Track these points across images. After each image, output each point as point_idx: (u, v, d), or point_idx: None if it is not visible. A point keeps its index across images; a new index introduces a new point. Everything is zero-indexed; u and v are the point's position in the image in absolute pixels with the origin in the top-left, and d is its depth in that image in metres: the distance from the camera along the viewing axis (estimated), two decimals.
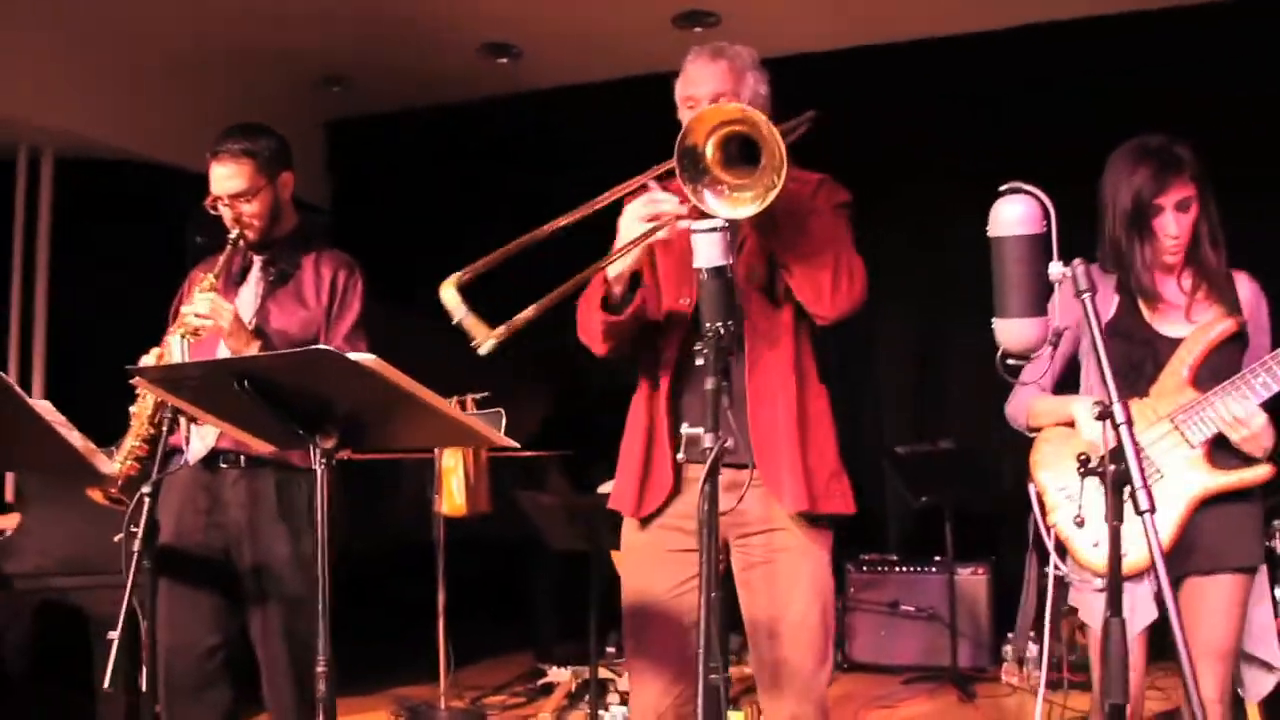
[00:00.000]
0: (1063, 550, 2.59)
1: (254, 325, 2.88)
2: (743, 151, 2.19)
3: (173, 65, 5.46)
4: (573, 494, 4.92)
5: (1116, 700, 1.79)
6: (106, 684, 2.35)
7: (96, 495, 2.64)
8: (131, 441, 2.62)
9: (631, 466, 2.54)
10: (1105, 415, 1.75)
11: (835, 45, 5.56)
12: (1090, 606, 2.56)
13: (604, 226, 2.39)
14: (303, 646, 2.87)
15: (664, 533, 2.51)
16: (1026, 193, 1.73)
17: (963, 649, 5.03)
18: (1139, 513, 1.70)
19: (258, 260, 3.02)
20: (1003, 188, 1.75)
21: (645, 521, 2.54)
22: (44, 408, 2.23)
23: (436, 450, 4.46)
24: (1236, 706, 2.74)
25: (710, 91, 2.45)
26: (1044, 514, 2.62)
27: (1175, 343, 2.58)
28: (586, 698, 4.82)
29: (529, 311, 2.04)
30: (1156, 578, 2.47)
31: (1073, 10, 5.11)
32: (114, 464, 2.44)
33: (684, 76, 2.52)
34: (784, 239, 2.36)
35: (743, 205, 2.18)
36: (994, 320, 1.84)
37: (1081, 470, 2.46)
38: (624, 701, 4.43)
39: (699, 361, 1.89)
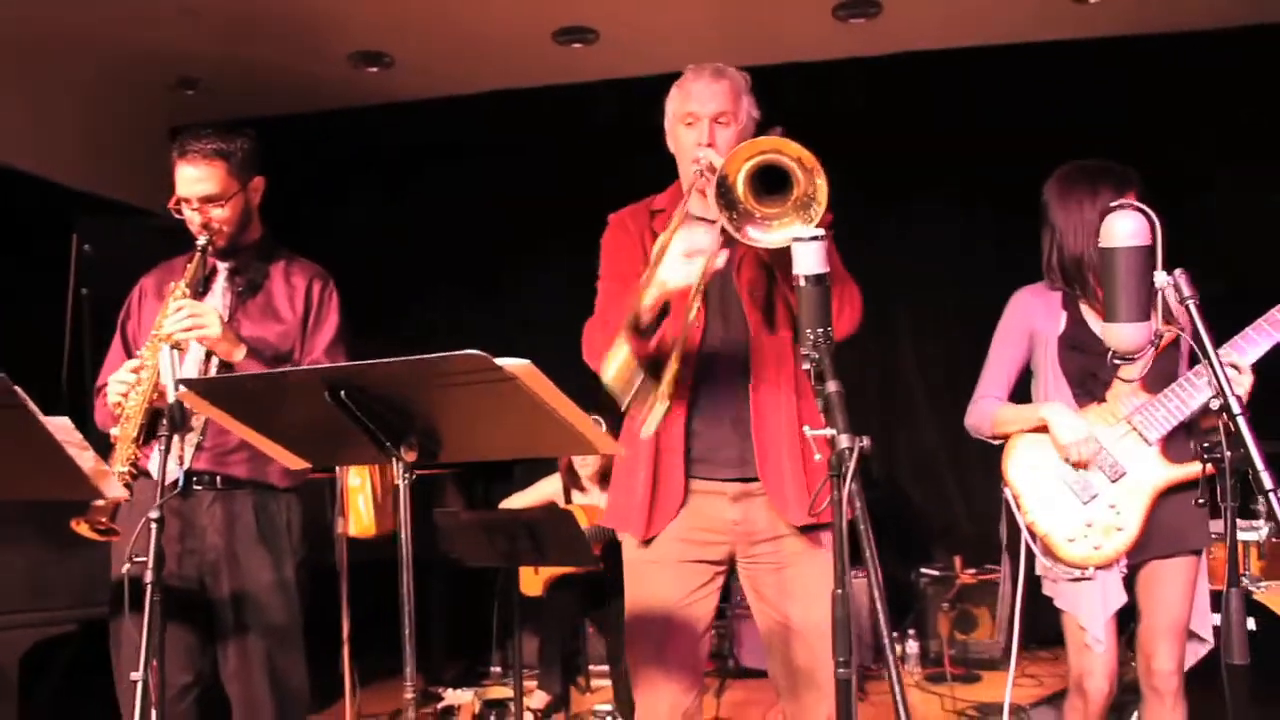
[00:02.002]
0: (1022, 556, 2.79)
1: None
2: (768, 181, 2.24)
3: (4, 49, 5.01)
4: (470, 510, 4.84)
5: (1234, 661, 1.95)
6: None
7: (82, 528, 2.41)
8: (118, 467, 2.41)
9: (638, 487, 2.53)
10: (1224, 409, 1.91)
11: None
12: (1071, 595, 2.76)
13: None
14: (285, 681, 2.74)
15: (676, 544, 2.54)
16: (1137, 209, 1.89)
17: None
18: (1261, 492, 1.84)
19: (222, 268, 2.85)
20: (1114, 204, 1.90)
21: (649, 540, 2.56)
22: (59, 426, 2.04)
23: (339, 469, 4.30)
24: None
25: (714, 110, 2.51)
26: (1022, 514, 2.81)
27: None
28: (492, 717, 4.76)
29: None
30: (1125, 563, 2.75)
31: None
32: (118, 488, 2.23)
33: (683, 93, 2.56)
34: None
35: (782, 230, 2.23)
36: (1103, 324, 1.99)
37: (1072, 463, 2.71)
38: (539, 719, 4.39)
39: (806, 366, 1.94)
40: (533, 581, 4.87)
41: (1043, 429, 2.81)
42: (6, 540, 3.23)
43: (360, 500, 4.27)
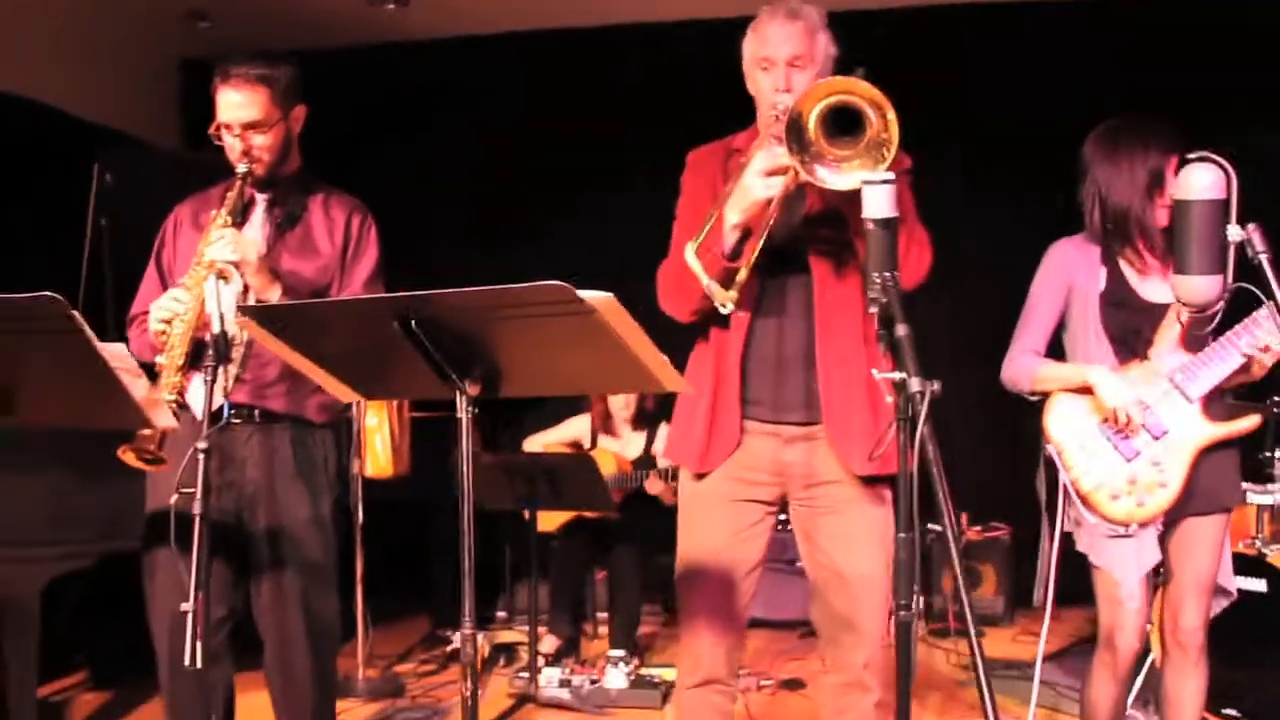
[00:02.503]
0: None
1: None
2: (841, 122, 2.22)
3: None
4: (488, 451, 4.84)
5: None
6: (195, 662, 2.13)
7: (128, 456, 2.37)
8: (164, 395, 2.37)
9: (697, 422, 2.55)
10: None
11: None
12: (1107, 551, 2.77)
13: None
14: (319, 618, 2.73)
15: (727, 483, 2.55)
16: (1214, 162, 1.86)
17: None
18: None
19: (260, 199, 2.80)
20: (1192, 155, 1.87)
21: (703, 474, 2.56)
22: (114, 353, 2.01)
23: (355, 409, 4.27)
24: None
25: (789, 53, 2.46)
26: (1066, 471, 2.81)
27: (1163, 308, 2.81)
28: (501, 661, 4.78)
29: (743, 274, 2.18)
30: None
31: None
32: (169, 417, 2.19)
33: (758, 36, 2.52)
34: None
35: (852, 173, 2.21)
36: (1173, 276, 1.96)
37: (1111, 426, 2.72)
38: (550, 663, 4.40)
39: (873, 310, 1.92)
40: (548, 520, 4.87)
41: (1086, 389, 2.81)
42: (28, 468, 3.17)
43: (378, 440, 4.26)
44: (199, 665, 2.13)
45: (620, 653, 4.22)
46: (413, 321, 1.78)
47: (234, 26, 5.63)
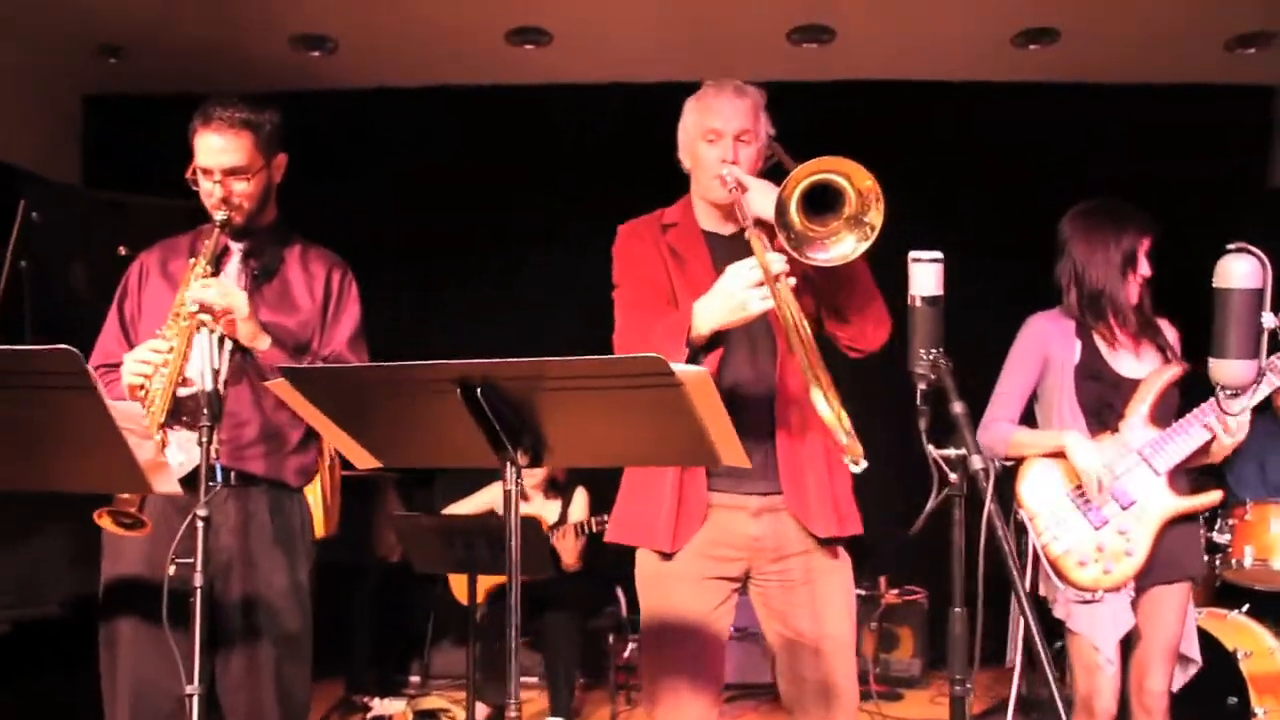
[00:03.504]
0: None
1: None
2: (816, 201, 2.23)
3: None
4: (409, 515, 4.68)
5: None
6: None
7: (104, 521, 2.20)
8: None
9: (663, 499, 2.48)
10: None
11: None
12: (1085, 618, 2.84)
13: None
14: (292, 693, 2.58)
15: (697, 560, 2.50)
16: (1252, 253, 1.96)
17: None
18: None
19: (235, 249, 2.66)
20: (1231, 246, 1.97)
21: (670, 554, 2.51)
22: (126, 413, 1.86)
23: None
24: None
25: (737, 127, 2.49)
26: (1036, 535, 2.88)
27: (1134, 383, 2.94)
28: None
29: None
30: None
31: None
32: (172, 483, 2.03)
33: (705, 109, 2.53)
34: (844, 285, 2.44)
35: (843, 247, 2.23)
36: (1212, 360, 2.05)
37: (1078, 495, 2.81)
38: None
39: (922, 386, 1.93)
40: (465, 589, 4.72)
41: (1057, 454, 2.89)
42: None
43: (310, 500, 4.05)
44: None
45: None
46: (478, 390, 1.70)
47: (148, 64, 5.42)
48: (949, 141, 5.57)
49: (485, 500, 4.91)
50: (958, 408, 1.86)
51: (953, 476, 1.83)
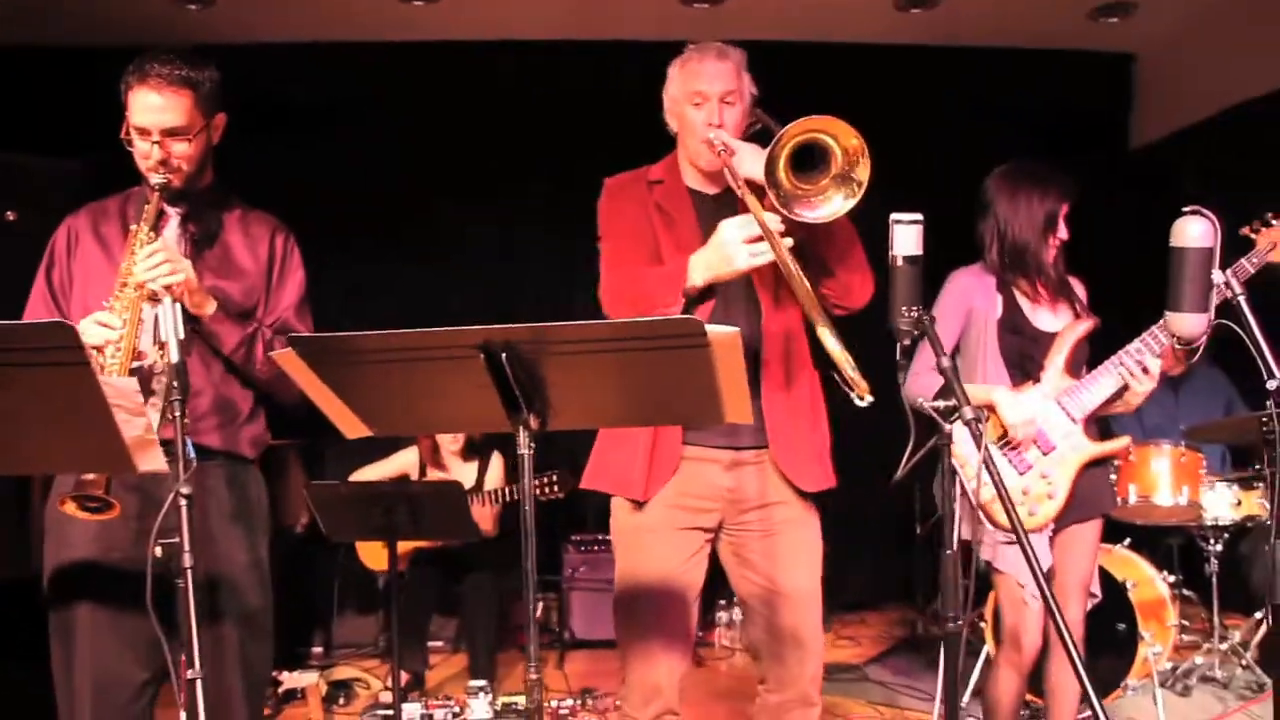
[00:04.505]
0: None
1: None
2: (804, 160, 2.30)
3: None
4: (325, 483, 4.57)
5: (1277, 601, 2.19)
6: None
7: (68, 508, 2.08)
8: None
9: (637, 449, 2.54)
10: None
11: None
12: (1009, 558, 3.01)
13: None
14: (254, 669, 2.52)
15: (670, 510, 2.57)
16: (1205, 215, 2.11)
17: None
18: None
19: (173, 213, 2.55)
20: (1186, 209, 2.11)
21: (643, 502, 2.57)
22: (121, 389, 1.77)
23: None
24: None
25: (721, 90, 2.55)
26: (966, 482, 3.03)
27: (1051, 336, 3.11)
28: (341, 699, 4.54)
29: None
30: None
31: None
32: (159, 461, 1.93)
33: (689, 72, 2.58)
34: (828, 242, 2.51)
35: (832, 204, 2.30)
36: (1168, 313, 2.19)
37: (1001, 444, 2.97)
38: (406, 698, 4.22)
39: (905, 341, 2.01)
40: (379, 556, 4.67)
41: (984, 406, 3.04)
42: None
43: None
44: None
45: (481, 683, 4.12)
46: (504, 355, 1.69)
47: (7, 13, 5.04)
48: (833, 103, 5.69)
49: (396, 466, 4.84)
50: (944, 361, 1.95)
51: (947, 427, 1.92)
